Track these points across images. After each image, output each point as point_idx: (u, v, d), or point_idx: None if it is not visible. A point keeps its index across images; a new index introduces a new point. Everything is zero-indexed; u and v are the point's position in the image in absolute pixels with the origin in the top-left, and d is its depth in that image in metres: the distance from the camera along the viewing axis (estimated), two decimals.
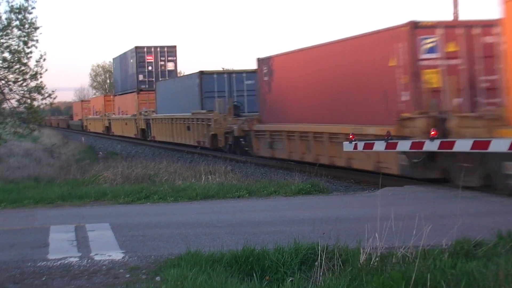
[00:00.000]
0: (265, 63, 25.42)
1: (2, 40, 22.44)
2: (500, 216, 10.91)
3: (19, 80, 22.69)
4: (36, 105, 23.23)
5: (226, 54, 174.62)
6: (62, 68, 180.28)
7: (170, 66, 48.88)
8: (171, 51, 49.15)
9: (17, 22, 22.22)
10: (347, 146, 17.16)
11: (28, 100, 22.95)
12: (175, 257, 7.99)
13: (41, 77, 22.74)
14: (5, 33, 22.33)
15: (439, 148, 13.88)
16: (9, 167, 23.88)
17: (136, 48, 49.17)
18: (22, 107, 23.43)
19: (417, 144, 14.56)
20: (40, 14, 75.19)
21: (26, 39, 22.23)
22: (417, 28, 16.16)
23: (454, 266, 7.00)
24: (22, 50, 22.37)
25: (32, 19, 22.33)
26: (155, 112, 43.65)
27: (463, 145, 13.32)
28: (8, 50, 22.47)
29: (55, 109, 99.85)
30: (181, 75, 41.51)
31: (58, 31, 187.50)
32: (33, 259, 8.43)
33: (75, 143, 45.37)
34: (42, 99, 23.09)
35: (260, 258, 7.64)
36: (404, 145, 15.01)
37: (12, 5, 22.11)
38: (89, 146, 42.56)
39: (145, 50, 48.83)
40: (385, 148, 15.51)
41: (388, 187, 15.32)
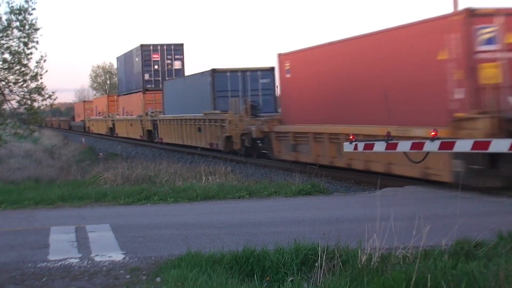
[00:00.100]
0: (288, 58, 23.26)
1: (2, 41, 22.48)
2: (500, 216, 10.92)
3: (19, 81, 22.73)
4: (36, 106, 23.28)
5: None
6: (62, 69, 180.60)
7: (177, 64, 46.81)
8: (178, 49, 47.09)
9: (17, 23, 22.29)
10: (347, 147, 17.11)
11: (29, 101, 22.99)
12: (175, 258, 8.00)
13: (41, 78, 22.82)
14: (5, 34, 22.37)
15: (439, 149, 13.86)
16: (10, 168, 23.90)
17: (142, 46, 47.06)
18: (22, 108, 23.47)
19: (418, 145, 14.53)
20: (40, 16, 75.43)
21: (26, 40, 22.28)
22: (473, 17, 14.36)
23: (454, 267, 7.00)
24: (22, 51, 22.43)
25: (32, 20, 22.42)
26: (162, 112, 41.92)
27: (463, 146, 13.31)
28: (8, 51, 22.53)
29: (55, 110, 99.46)
30: (189, 74, 38.79)
31: (58, 32, 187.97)
32: (34, 260, 8.43)
33: (75, 144, 45.41)
34: (42, 100, 23.15)
35: (261, 258, 7.65)
36: (404, 146, 14.99)
37: (12, 6, 22.18)
38: (89, 147, 42.61)
39: (151, 48, 46.78)
40: (385, 149, 15.49)
41: (388, 187, 15.35)
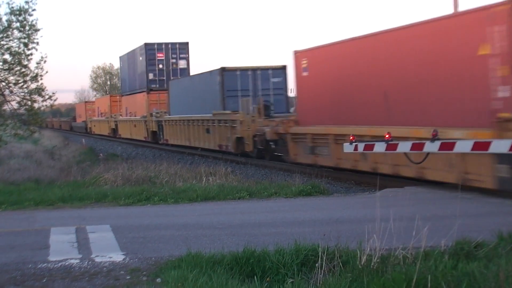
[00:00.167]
0: (305, 56, 21.82)
1: (2, 42, 22.51)
2: (500, 217, 10.92)
3: (19, 82, 22.77)
4: (36, 107, 23.31)
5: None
6: (62, 70, 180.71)
7: (182, 64, 45.37)
8: (183, 48, 45.59)
9: (18, 24, 22.32)
10: (347, 148, 17.11)
11: (29, 102, 23.02)
12: (175, 259, 8.00)
13: (41, 79, 22.87)
14: (5, 35, 22.39)
15: (439, 149, 13.86)
16: (10, 169, 23.90)
17: (146, 44, 45.65)
18: (22, 109, 23.49)
19: (418, 145, 14.53)
20: (40, 16, 75.38)
21: (26, 41, 22.31)
22: None
23: (455, 267, 7.01)
24: (22, 52, 22.47)
25: (32, 21, 22.46)
26: (167, 113, 40.66)
27: (463, 146, 13.30)
28: (8, 52, 22.56)
29: (55, 111, 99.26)
30: (197, 73, 37.29)
31: (59, 33, 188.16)
32: (34, 261, 8.43)
33: (75, 145, 45.42)
34: (42, 101, 23.20)
35: (261, 259, 7.65)
36: (404, 146, 14.98)
37: (12, 7, 22.22)
38: (89, 148, 42.60)
39: (155, 47, 45.35)
40: (385, 150, 15.49)
41: (388, 188, 15.35)
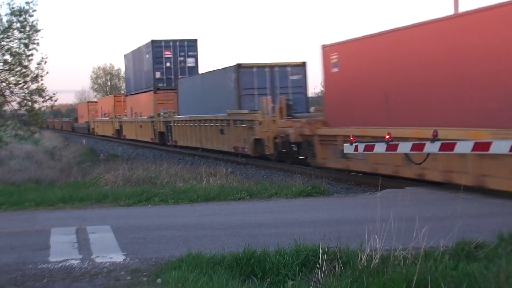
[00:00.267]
0: (335, 50, 20.03)
1: (3, 43, 22.54)
2: (501, 217, 10.91)
3: (20, 82, 22.80)
4: (37, 108, 23.33)
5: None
6: (63, 71, 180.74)
7: (190, 62, 43.05)
8: (191, 46, 43.24)
9: (18, 25, 22.34)
10: (347, 148, 17.18)
11: (29, 103, 23.05)
12: (176, 259, 8.01)
13: (42, 79, 22.90)
14: (6, 35, 22.42)
15: (440, 150, 13.87)
16: (10, 169, 23.93)
17: (153, 42, 43.37)
18: (23, 109, 23.51)
19: (418, 146, 14.54)
20: (41, 17, 75.33)
21: (27, 41, 22.35)
22: None
23: (455, 268, 7.01)
24: (23, 53, 22.50)
25: (33, 21, 22.49)
26: (176, 113, 38.57)
27: (464, 147, 13.31)
28: (9, 52, 22.59)
29: (56, 112, 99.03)
30: (209, 70, 34.99)
31: (59, 34, 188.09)
32: (34, 262, 8.43)
33: (76, 146, 45.45)
34: (43, 101, 23.24)
35: (261, 260, 7.66)
36: (405, 147, 14.99)
37: (13, 8, 22.25)
38: (90, 149, 42.63)
39: (162, 44, 43.01)
40: (385, 150, 15.51)
41: (388, 188, 15.35)
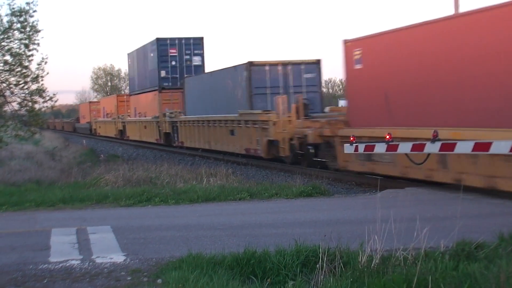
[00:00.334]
0: (358, 45, 18.72)
1: (3, 43, 22.55)
2: (501, 217, 10.91)
3: (20, 83, 22.81)
4: (37, 108, 23.33)
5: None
6: (63, 71, 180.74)
7: (196, 60, 41.79)
8: (197, 44, 41.91)
9: (19, 25, 22.34)
10: (348, 149, 17.23)
11: (30, 103, 23.05)
12: (176, 260, 8.01)
13: (42, 80, 22.90)
14: (6, 36, 22.43)
15: (440, 150, 13.87)
16: (11, 170, 23.95)
17: (158, 40, 42.07)
18: (23, 110, 23.51)
19: (418, 146, 14.55)
20: (41, 18, 75.17)
21: (27, 42, 22.36)
22: None
23: (455, 268, 7.01)
24: (23, 53, 22.51)
25: (33, 22, 22.50)
26: (183, 113, 37.28)
27: (464, 147, 13.31)
28: (9, 53, 22.59)
29: (57, 112, 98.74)
30: (219, 68, 33.34)
31: (59, 34, 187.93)
32: (35, 262, 8.43)
33: (76, 146, 45.47)
34: (43, 102, 23.24)
35: (262, 260, 7.66)
36: (405, 147, 15.00)
37: (13, 8, 22.25)
38: (90, 149, 42.65)
39: (168, 43, 41.73)
40: (386, 150, 15.53)
41: (389, 189, 15.35)
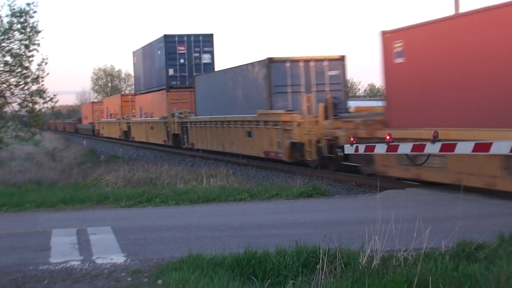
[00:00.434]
0: (399, 37, 16.56)
1: (3, 44, 22.54)
2: (501, 218, 10.91)
3: (20, 83, 22.80)
4: (37, 109, 23.31)
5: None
6: (63, 72, 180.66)
7: (206, 58, 39.76)
8: (207, 41, 39.92)
9: (19, 26, 22.34)
10: (348, 149, 17.27)
11: (30, 104, 23.03)
12: (177, 261, 8.01)
13: (42, 80, 22.88)
14: (6, 36, 22.43)
15: (440, 151, 13.88)
16: (11, 170, 23.96)
17: (165, 36, 39.88)
18: (23, 110, 23.50)
19: (419, 147, 14.57)
20: (41, 18, 75.10)
21: (27, 42, 22.35)
22: None
23: (456, 269, 7.02)
24: (23, 54, 22.50)
25: (33, 22, 22.49)
26: (193, 113, 35.51)
27: (464, 148, 13.31)
28: (9, 53, 22.58)
29: (57, 113, 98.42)
30: (233, 65, 31.19)
31: (60, 35, 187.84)
32: (35, 263, 8.44)
33: (77, 147, 45.47)
34: (43, 102, 23.21)
35: (262, 261, 7.66)
36: (405, 148, 15.02)
37: (13, 9, 22.25)
38: (90, 150, 42.66)
39: (176, 40, 39.57)
40: (386, 151, 15.55)
41: (389, 189, 15.36)
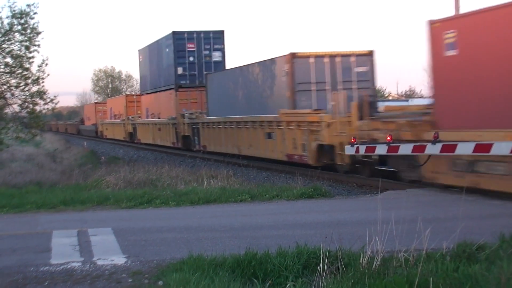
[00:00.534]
0: (451, 26, 14.52)
1: (4, 45, 22.53)
2: (502, 219, 10.91)
3: (21, 85, 22.78)
4: (38, 110, 23.30)
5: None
6: (64, 73, 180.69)
7: (216, 56, 38.17)
8: (218, 37, 38.28)
9: (19, 27, 22.33)
10: (349, 150, 17.27)
11: (30, 105, 23.02)
12: (177, 262, 8.01)
13: (43, 82, 22.87)
14: (7, 38, 22.43)
15: (441, 152, 13.88)
16: (12, 172, 23.97)
17: (174, 33, 38.16)
18: (24, 112, 23.49)
19: (419, 147, 14.57)
20: (41, 19, 75.12)
21: (28, 44, 22.33)
22: None
23: (456, 270, 7.02)
24: (24, 55, 22.48)
25: (34, 24, 22.47)
26: (205, 113, 33.89)
27: (465, 148, 13.32)
28: (10, 55, 22.57)
29: (58, 114, 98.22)
30: (250, 62, 29.29)
31: (60, 36, 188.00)
32: (36, 264, 8.44)
33: (77, 148, 45.48)
34: (44, 104, 23.19)
35: (263, 262, 7.66)
36: (406, 149, 15.02)
37: (14, 10, 22.25)
38: (91, 151, 42.67)
39: (185, 36, 37.90)
40: (386, 152, 15.55)
41: (390, 190, 15.35)
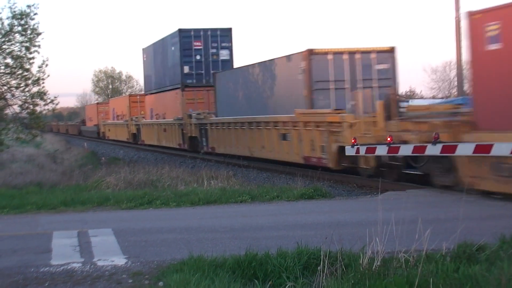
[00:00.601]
0: (494, 17, 13.27)
1: (4, 46, 22.55)
2: (503, 220, 10.91)
3: (21, 85, 22.80)
4: (38, 111, 23.32)
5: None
6: (64, 74, 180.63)
7: (224, 54, 37.02)
8: (225, 35, 37.18)
9: (19, 28, 22.35)
10: (349, 151, 17.30)
11: (31, 106, 23.04)
12: (177, 262, 8.01)
13: (43, 82, 22.88)
14: (7, 39, 22.44)
15: (441, 152, 13.89)
16: (12, 172, 23.95)
17: (180, 31, 37.04)
18: (24, 112, 23.50)
19: (419, 148, 14.59)
20: (42, 20, 75.08)
21: (28, 44, 22.34)
22: None
23: (457, 270, 7.01)
24: (24, 56, 22.49)
25: (34, 25, 22.49)
26: (213, 114, 32.67)
27: (465, 149, 13.33)
28: (10, 55, 22.58)
29: (58, 115, 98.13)
30: (261, 60, 28.10)
31: (60, 37, 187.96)
32: (36, 265, 8.44)
33: (78, 149, 45.48)
34: (44, 104, 23.20)
35: (263, 263, 7.66)
36: (406, 149, 15.03)
37: (14, 11, 22.26)
38: (91, 152, 42.66)
39: (191, 34, 36.90)
40: (387, 152, 15.57)
41: (390, 191, 15.36)
